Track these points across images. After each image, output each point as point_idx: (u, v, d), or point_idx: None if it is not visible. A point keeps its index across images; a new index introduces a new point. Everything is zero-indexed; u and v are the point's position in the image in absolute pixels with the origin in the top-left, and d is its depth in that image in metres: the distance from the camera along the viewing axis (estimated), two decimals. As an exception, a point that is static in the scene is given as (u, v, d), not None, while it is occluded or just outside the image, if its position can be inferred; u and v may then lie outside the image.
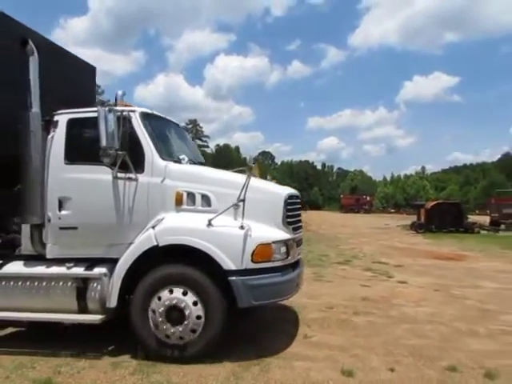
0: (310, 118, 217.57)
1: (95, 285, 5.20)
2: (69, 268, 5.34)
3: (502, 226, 30.89)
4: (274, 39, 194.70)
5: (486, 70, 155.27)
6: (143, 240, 5.03)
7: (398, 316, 6.95)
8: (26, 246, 5.82)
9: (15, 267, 5.52)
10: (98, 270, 5.24)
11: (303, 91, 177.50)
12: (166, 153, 5.48)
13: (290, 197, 5.40)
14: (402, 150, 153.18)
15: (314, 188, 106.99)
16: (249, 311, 5.49)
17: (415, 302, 7.96)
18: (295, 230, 5.43)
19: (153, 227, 5.05)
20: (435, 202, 32.29)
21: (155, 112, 5.82)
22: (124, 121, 5.20)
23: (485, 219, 32.66)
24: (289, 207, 5.30)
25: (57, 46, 6.89)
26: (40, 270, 5.38)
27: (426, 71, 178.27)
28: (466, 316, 6.98)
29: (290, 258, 5.15)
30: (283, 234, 5.11)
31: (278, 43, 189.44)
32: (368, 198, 73.54)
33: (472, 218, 31.94)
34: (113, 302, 5.03)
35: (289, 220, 5.27)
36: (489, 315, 7.04)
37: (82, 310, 5.21)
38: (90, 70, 7.98)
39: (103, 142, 4.93)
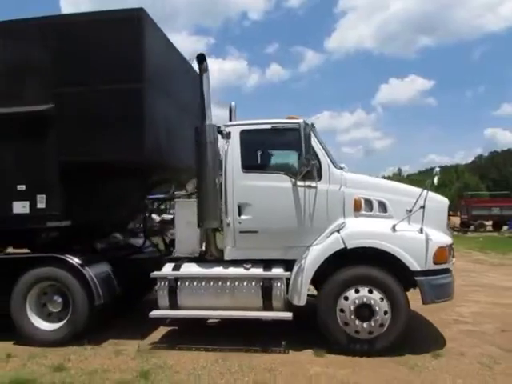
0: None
1: (279, 284, 5.36)
2: (247, 269, 5.49)
3: (471, 227, 32.60)
4: (252, 42, 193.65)
5: (459, 73, 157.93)
6: (331, 243, 5.24)
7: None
8: (180, 249, 5.96)
9: (195, 268, 5.61)
10: (279, 271, 5.43)
11: (282, 93, 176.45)
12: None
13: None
14: (379, 151, 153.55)
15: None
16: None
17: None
18: None
19: (337, 231, 5.29)
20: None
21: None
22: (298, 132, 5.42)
23: (457, 220, 34.28)
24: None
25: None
26: (223, 270, 5.49)
27: (402, 74, 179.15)
28: (424, 308, 7.19)
29: (454, 260, 5.53)
30: (449, 238, 5.48)
31: (256, 46, 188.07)
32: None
33: (446, 219, 33.23)
34: (302, 300, 5.22)
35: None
36: (445, 307, 7.25)
37: (267, 307, 5.37)
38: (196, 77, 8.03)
39: (304, 153, 5.13)
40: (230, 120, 7.08)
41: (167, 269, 5.65)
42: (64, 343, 5.45)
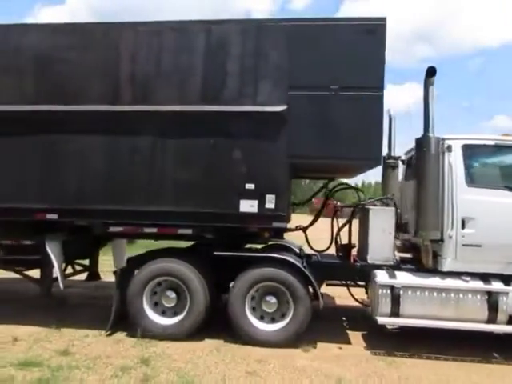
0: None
1: (504, 298, 5.35)
2: (466, 281, 5.48)
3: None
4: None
5: (455, 84, 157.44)
6: None
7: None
8: (374, 256, 5.95)
9: (414, 278, 5.57)
10: (502, 285, 5.40)
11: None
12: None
13: None
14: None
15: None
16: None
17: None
18: None
19: None
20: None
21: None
22: None
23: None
24: None
25: None
26: (445, 282, 5.45)
27: (399, 82, 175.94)
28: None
29: None
30: None
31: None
32: (338, 203, 75.63)
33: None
34: None
35: None
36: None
37: (491, 320, 5.36)
38: None
39: None
40: (390, 129, 7.13)
41: (383, 277, 5.59)
42: (287, 344, 5.38)
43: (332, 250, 6.72)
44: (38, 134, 5.59)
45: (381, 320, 5.41)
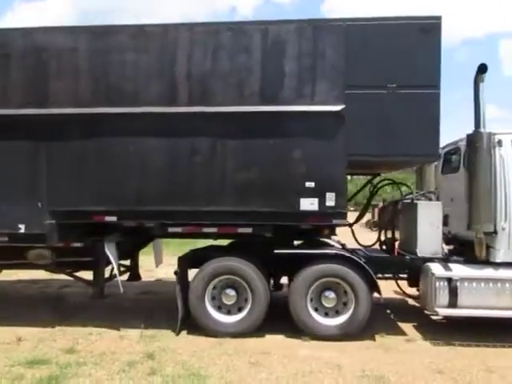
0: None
1: (557, 287, 5.58)
2: (517, 272, 5.69)
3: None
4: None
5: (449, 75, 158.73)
6: None
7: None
8: (423, 250, 6.10)
9: (470, 270, 5.75)
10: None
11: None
12: None
13: None
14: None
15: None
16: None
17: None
18: None
19: None
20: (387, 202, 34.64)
21: None
22: None
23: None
24: None
25: None
26: (499, 273, 5.66)
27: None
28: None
29: None
30: None
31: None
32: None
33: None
34: None
35: None
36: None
37: (543, 309, 5.58)
38: None
39: None
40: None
41: (439, 269, 5.74)
42: (346, 339, 5.53)
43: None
44: (96, 136, 5.59)
45: (442, 312, 5.58)
